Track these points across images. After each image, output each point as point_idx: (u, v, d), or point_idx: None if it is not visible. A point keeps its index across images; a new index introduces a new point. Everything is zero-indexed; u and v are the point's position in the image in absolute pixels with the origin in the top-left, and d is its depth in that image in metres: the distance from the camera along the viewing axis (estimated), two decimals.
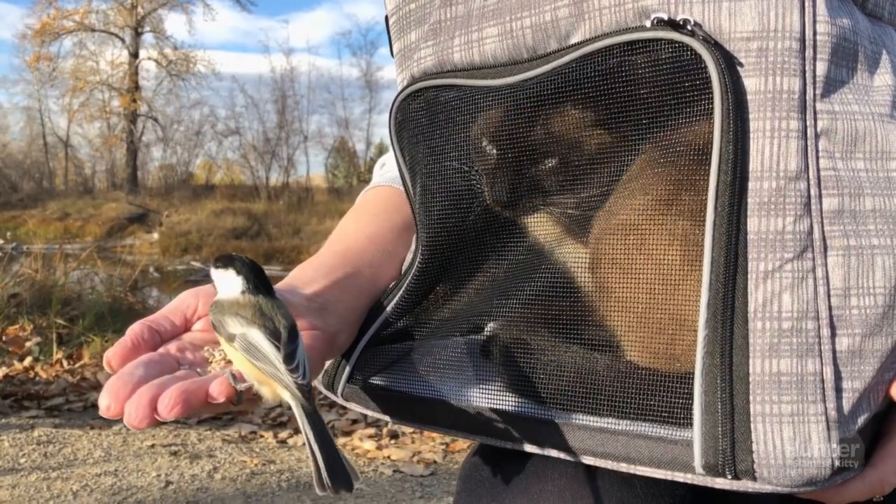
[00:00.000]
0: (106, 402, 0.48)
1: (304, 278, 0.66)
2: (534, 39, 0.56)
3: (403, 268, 0.71)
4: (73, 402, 3.26)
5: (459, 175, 0.63)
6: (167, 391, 0.48)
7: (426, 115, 0.64)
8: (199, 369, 0.54)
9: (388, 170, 0.84)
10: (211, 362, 0.55)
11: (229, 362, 0.53)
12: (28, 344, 3.94)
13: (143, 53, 25.55)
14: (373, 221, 0.75)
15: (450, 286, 0.65)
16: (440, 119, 0.63)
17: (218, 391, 0.48)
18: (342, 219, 0.79)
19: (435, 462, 2.68)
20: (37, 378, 3.52)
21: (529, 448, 0.58)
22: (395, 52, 0.68)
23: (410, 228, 0.73)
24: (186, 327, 0.58)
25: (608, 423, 0.53)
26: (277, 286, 0.63)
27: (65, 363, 3.77)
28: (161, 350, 0.55)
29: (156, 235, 17.58)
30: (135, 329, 0.54)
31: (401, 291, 0.66)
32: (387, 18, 0.69)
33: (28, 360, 3.74)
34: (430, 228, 0.64)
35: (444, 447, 2.79)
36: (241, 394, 0.50)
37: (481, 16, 0.59)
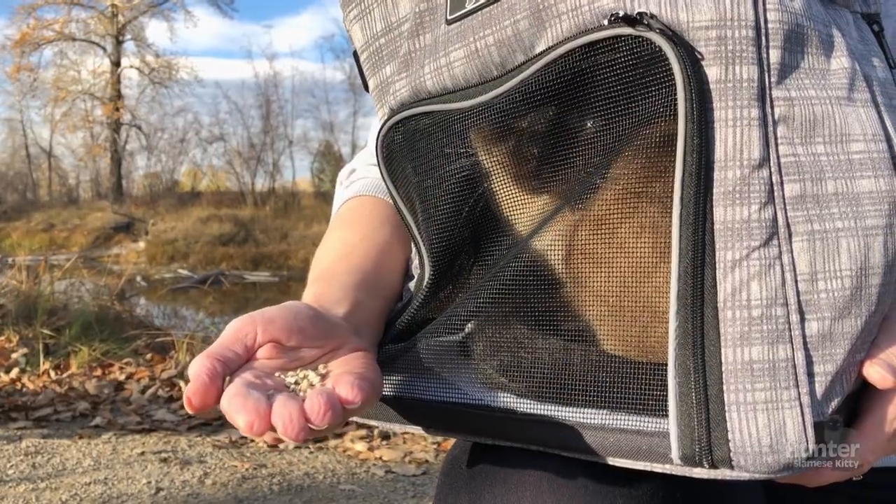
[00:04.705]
0: (247, 419, 0.46)
1: (331, 297, 0.66)
2: (500, 55, 0.57)
3: (406, 295, 0.71)
4: (61, 412, 3.24)
5: (450, 196, 0.63)
6: (312, 400, 0.47)
7: (407, 145, 0.65)
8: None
9: (359, 176, 0.85)
10: (291, 389, 0.53)
11: (314, 386, 0.53)
12: (14, 355, 3.92)
13: (124, 62, 25.44)
14: (371, 235, 0.75)
15: (444, 294, 0.66)
16: (420, 147, 0.64)
17: (353, 394, 0.49)
18: (336, 228, 0.79)
19: (427, 461, 2.68)
20: (24, 389, 3.50)
21: (509, 443, 0.58)
22: (371, 88, 0.68)
23: (398, 239, 0.74)
24: (249, 356, 0.56)
25: (585, 415, 0.54)
26: (309, 302, 0.64)
27: (52, 373, 3.75)
28: (239, 379, 0.52)
29: (142, 244, 17.51)
30: (204, 364, 0.52)
31: (407, 310, 0.67)
32: (355, 54, 0.69)
33: (15, 372, 3.72)
34: (436, 252, 0.65)
35: (435, 446, 2.79)
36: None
37: (447, 40, 0.60)
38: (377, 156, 0.68)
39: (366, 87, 0.69)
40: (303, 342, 0.57)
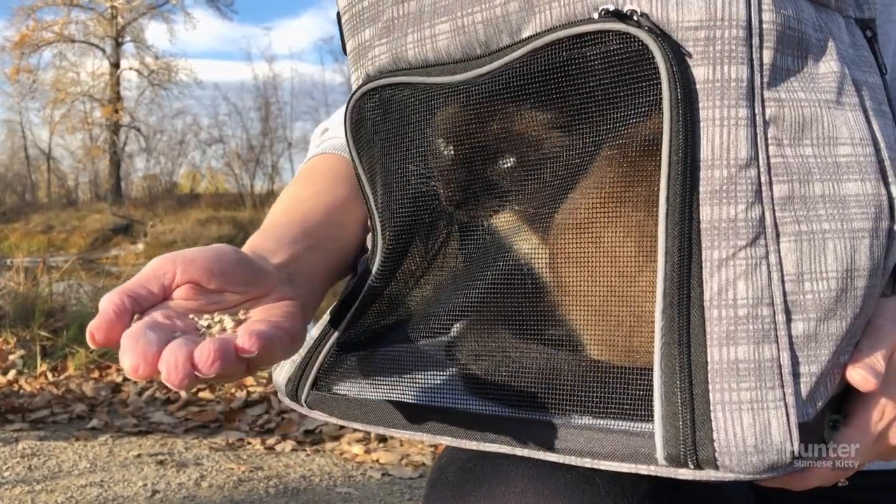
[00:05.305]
0: (132, 363, 0.45)
1: (266, 248, 0.64)
2: (486, 34, 0.56)
3: (360, 267, 0.70)
4: (57, 413, 3.24)
5: (419, 174, 0.63)
6: (202, 346, 0.45)
7: (382, 114, 0.64)
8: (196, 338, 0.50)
9: (331, 135, 0.84)
10: (201, 332, 0.51)
11: (225, 331, 0.51)
12: (12, 357, 3.92)
13: (124, 63, 25.45)
14: (325, 191, 0.74)
15: (412, 286, 0.66)
16: (396, 118, 0.63)
17: (250, 343, 0.47)
18: (292, 184, 0.78)
19: (423, 464, 2.68)
20: (21, 391, 3.49)
21: (495, 448, 0.58)
22: (348, 51, 0.68)
23: (359, 200, 0.73)
24: (165, 296, 0.54)
25: (571, 419, 0.53)
26: (244, 250, 0.62)
27: (49, 375, 3.75)
28: (147, 318, 0.50)
29: (141, 246, 17.49)
30: (113, 299, 0.50)
31: (363, 292, 0.66)
32: (338, 15, 0.68)
33: (12, 374, 3.72)
34: (394, 227, 0.64)
35: (432, 449, 2.78)
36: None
37: (433, 12, 0.59)
38: (345, 120, 0.67)
39: (344, 51, 0.69)
40: (225, 286, 0.55)
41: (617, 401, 0.52)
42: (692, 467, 0.48)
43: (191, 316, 0.53)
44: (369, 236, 0.70)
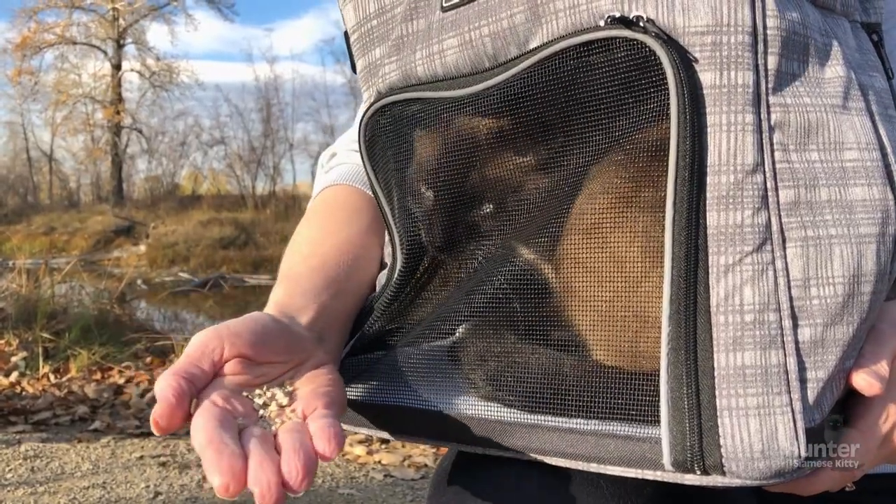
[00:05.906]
0: (223, 482, 0.45)
1: (295, 305, 0.65)
2: (494, 47, 0.57)
3: (378, 283, 0.71)
4: (60, 415, 3.24)
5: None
6: (290, 463, 0.46)
7: (393, 130, 0.65)
8: (261, 424, 0.51)
9: (339, 161, 0.84)
10: (260, 413, 0.53)
11: (283, 408, 0.53)
12: (14, 359, 3.92)
13: (125, 65, 25.45)
14: (339, 229, 0.74)
15: (424, 295, 0.66)
16: (407, 133, 0.64)
17: (331, 450, 0.48)
18: (305, 223, 0.78)
19: (426, 466, 2.68)
20: (23, 393, 3.50)
21: (500, 452, 0.58)
22: (358, 69, 0.68)
23: (374, 230, 0.74)
24: (215, 371, 0.54)
25: (577, 423, 0.53)
26: (272, 312, 0.63)
27: (51, 377, 3.75)
28: (208, 405, 0.51)
29: (143, 247, 17.48)
30: (170, 383, 0.50)
31: (378, 304, 0.67)
32: (346, 35, 0.69)
33: (14, 375, 3.72)
34: (410, 240, 0.65)
35: (434, 451, 2.78)
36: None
37: (441, 28, 0.59)
38: (359, 138, 0.68)
39: (353, 69, 0.69)
40: (268, 357, 0.56)
41: (623, 405, 0.52)
42: (699, 473, 0.48)
43: (244, 393, 0.54)
44: (387, 249, 0.70)
